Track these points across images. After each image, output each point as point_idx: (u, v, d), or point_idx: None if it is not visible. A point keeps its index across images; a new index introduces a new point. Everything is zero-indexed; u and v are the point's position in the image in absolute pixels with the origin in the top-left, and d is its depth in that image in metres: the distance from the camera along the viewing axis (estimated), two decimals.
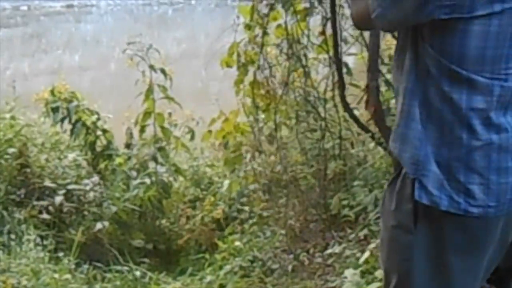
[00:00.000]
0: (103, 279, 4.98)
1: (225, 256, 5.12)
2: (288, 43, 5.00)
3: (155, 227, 6.21)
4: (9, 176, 5.92)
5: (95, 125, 6.60)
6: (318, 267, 4.53)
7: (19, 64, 14.03)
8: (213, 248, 5.60)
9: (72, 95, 6.62)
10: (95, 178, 6.33)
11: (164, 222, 6.23)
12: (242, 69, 5.30)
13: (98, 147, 6.65)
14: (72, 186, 6.10)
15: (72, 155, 6.45)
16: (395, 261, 2.16)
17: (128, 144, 6.75)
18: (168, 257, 6.00)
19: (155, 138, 6.43)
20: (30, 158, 6.10)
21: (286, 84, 5.07)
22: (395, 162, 2.27)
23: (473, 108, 1.99)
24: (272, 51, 5.31)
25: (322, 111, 5.16)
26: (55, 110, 6.50)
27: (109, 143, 6.63)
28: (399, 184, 2.12)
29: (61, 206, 5.87)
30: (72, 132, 6.55)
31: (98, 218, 5.94)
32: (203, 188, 6.58)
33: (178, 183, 6.58)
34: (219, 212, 5.98)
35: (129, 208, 6.13)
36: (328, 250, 4.58)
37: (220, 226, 5.91)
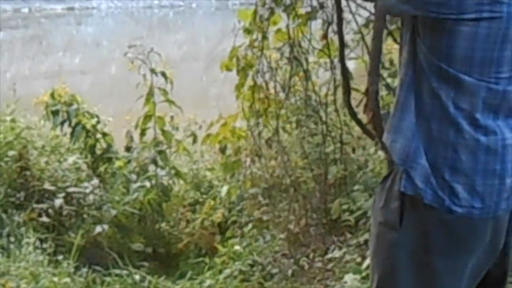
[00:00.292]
0: (102, 283, 4.97)
1: (224, 260, 5.11)
2: (290, 47, 4.99)
3: (155, 230, 6.19)
4: (9, 178, 5.91)
5: (95, 128, 6.60)
6: (318, 271, 4.52)
7: (19, 67, 14.04)
8: (212, 252, 5.58)
9: (72, 98, 6.62)
10: (95, 181, 6.32)
11: (163, 226, 6.22)
12: (242, 73, 5.30)
13: (98, 150, 6.64)
14: (71, 189, 6.08)
15: (72, 158, 6.44)
16: (381, 258, 2.18)
17: (128, 147, 6.75)
18: (167, 260, 5.99)
19: (155, 142, 6.42)
20: (30, 161, 6.09)
21: (288, 88, 5.06)
22: (389, 161, 2.29)
23: (459, 107, 2.01)
24: (273, 55, 5.31)
25: (323, 115, 5.15)
26: (55, 113, 6.51)
27: (109, 146, 6.63)
28: (390, 182, 2.15)
29: (60, 209, 5.85)
30: (72, 135, 6.55)
31: (98, 221, 5.92)
32: (203, 191, 6.57)
33: (178, 187, 6.57)
34: (219, 216, 5.97)
35: (128, 211, 6.12)
36: (328, 255, 4.58)
37: (220, 230, 5.90)
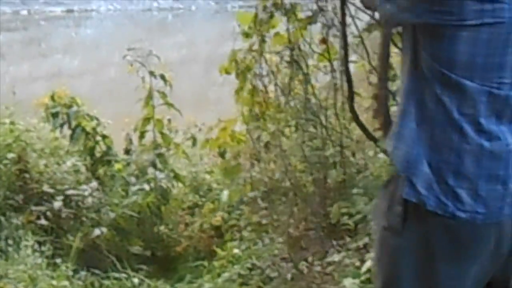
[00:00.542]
0: (101, 286, 4.97)
1: (223, 264, 5.10)
2: (290, 50, 4.99)
3: (154, 233, 6.18)
4: (7, 181, 5.90)
5: (94, 130, 6.59)
6: (317, 275, 4.51)
7: (18, 69, 14.03)
8: (211, 255, 5.56)
9: (72, 101, 6.62)
10: (94, 183, 6.30)
11: (162, 229, 6.21)
12: (241, 77, 5.29)
13: (97, 152, 6.64)
14: (70, 191, 6.07)
15: (71, 160, 6.42)
16: (384, 262, 2.18)
17: (128, 150, 6.74)
18: (166, 264, 5.97)
19: (154, 144, 6.42)
20: (29, 164, 6.08)
21: (288, 91, 5.06)
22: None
23: (462, 112, 2.01)
24: (272, 58, 5.31)
25: (322, 118, 5.15)
26: (55, 116, 6.50)
27: (108, 149, 6.62)
28: (392, 187, 2.14)
29: (59, 212, 5.84)
30: (71, 138, 6.55)
31: (96, 224, 5.91)
32: (202, 194, 6.56)
33: (177, 190, 6.56)
34: (218, 219, 5.96)
35: (127, 214, 6.11)
36: (327, 259, 4.57)
37: (218, 233, 5.89)
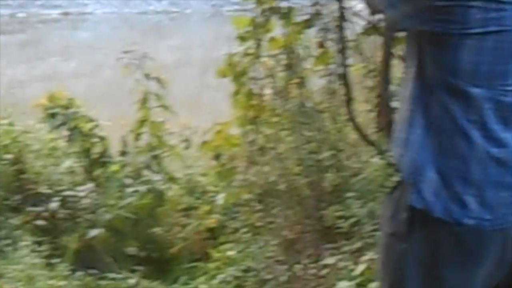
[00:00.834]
0: (97, 286, 4.99)
1: (218, 266, 5.11)
2: (286, 54, 5.02)
3: (149, 235, 6.19)
4: (5, 182, 5.92)
5: (91, 132, 6.60)
6: (311, 278, 4.53)
7: (15, 71, 14.02)
8: (206, 257, 5.57)
9: (70, 102, 6.62)
10: (90, 185, 6.32)
11: (157, 230, 6.21)
12: (237, 80, 5.31)
13: (94, 154, 6.65)
14: (67, 192, 6.09)
15: (68, 161, 6.43)
16: (389, 269, 2.19)
17: (123, 152, 6.75)
18: (161, 265, 5.98)
19: (150, 146, 6.43)
20: (26, 164, 6.10)
21: (284, 95, 5.08)
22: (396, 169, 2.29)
23: (469, 119, 2.02)
24: (268, 62, 5.32)
25: (318, 122, 5.17)
26: (53, 117, 6.51)
27: (105, 150, 6.63)
28: (398, 193, 2.15)
29: (56, 213, 5.86)
30: (69, 139, 6.56)
31: (92, 225, 5.92)
32: (197, 196, 6.56)
33: (172, 192, 6.57)
34: (213, 221, 5.97)
35: (123, 215, 6.12)
36: (322, 262, 4.58)
37: (213, 235, 5.90)
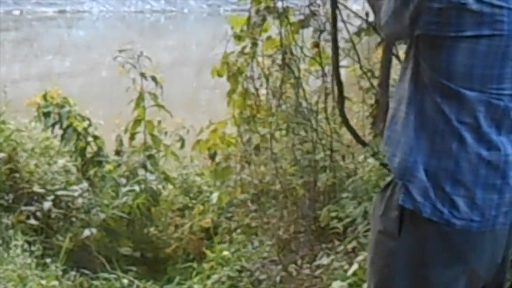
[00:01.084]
0: (90, 286, 4.97)
1: (213, 266, 5.10)
2: (281, 54, 5.01)
3: (143, 235, 6.19)
4: None
5: (86, 131, 6.59)
6: (306, 278, 4.52)
7: (10, 69, 14.01)
8: (201, 257, 5.57)
9: (64, 100, 6.61)
10: (84, 184, 6.30)
11: (152, 230, 6.21)
12: (233, 79, 5.31)
13: (88, 153, 6.63)
14: (60, 192, 6.06)
15: (61, 161, 6.41)
16: (378, 265, 2.21)
17: (118, 151, 6.74)
18: (155, 265, 5.98)
19: (145, 146, 6.42)
20: (19, 163, 6.08)
21: (280, 95, 5.08)
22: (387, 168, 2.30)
23: (462, 121, 2.03)
24: (264, 61, 5.32)
25: (313, 122, 5.16)
26: (47, 115, 6.49)
27: (99, 150, 6.62)
28: (390, 191, 2.17)
29: (49, 212, 5.84)
30: (62, 138, 6.54)
31: (86, 225, 5.91)
32: (192, 196, 6.56)
33: (167, 191, 6.57)
34: (207, 221, 5.96)
35: (117, 215, 6.12)
36: (316, 262, 4.57)
37: (208, 235, 5.89)
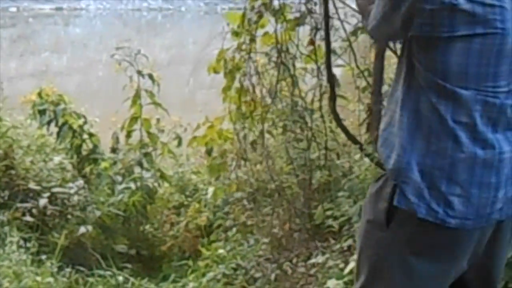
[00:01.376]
0: (85, 283, 4.97)
1: (208, 264, 5.11)
2: (277, 52, 5.02)
3: (139, 232, 6.19)
4: None
5: (81, 128, 6.59)
6: (301, 276, 4.52)
7: (6, 66, 13.98)
8: (196, 255, 5.58)
9: (60, 98, 6.61)
10: (80, 181, 6.29)
11: (148, 228, 6.22)
12: (229, 75, 5.31)
13: (84, 150, 6.63)
14: (56, 189, 6.06)
15: (57, 158, 6.41)
16: (367, 254, 2.23)
17: (114, 149, 6.74)
18: (151, 263, 5.98)
19: (141, 144, 6.42)
20: (15, 160, 6.07)
21: (275, 92, 5.08)
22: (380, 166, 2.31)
23: (457, 120, 2.04)
24: (260, 59, 5.32)
25: (308, 121, 5.17)
26: (42, 113, 6.49)
27: (95, 147, 6.62)
28: (382, 183, 2.19)
29: (45, 209, 5.83)
30: (58, 135, 6.54)
31: (82, 222, 5.91)
32: (188, 194, 6.57)
33: (163, 189, 6.57)
34: (203, 219, 5.96)
35: (113, 212, 6.12)
36: (311, 260, 4.58)
37: (204, 233, 5.90)
